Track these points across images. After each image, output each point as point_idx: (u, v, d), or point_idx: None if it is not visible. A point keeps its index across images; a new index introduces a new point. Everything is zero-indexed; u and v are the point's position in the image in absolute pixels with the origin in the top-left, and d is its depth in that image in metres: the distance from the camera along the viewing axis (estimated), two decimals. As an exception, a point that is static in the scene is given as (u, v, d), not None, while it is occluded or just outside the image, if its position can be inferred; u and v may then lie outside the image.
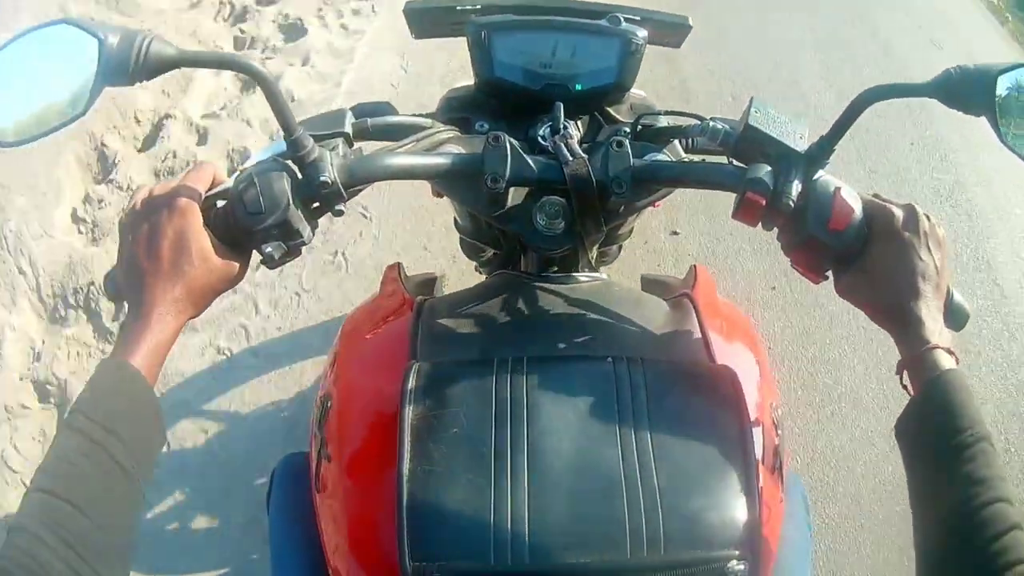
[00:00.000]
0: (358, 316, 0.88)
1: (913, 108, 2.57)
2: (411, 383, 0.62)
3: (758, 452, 0.64)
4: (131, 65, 0.52)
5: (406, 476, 0.57)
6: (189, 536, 1.57)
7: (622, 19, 0.78)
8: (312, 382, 1.77)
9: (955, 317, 0.64)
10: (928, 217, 0.63)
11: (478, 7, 0.79)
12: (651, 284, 1.16)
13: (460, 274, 1.94)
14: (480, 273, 1.23)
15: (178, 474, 1.63)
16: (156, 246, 0.57)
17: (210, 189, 0.62)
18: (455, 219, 1.03)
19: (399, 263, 0.95)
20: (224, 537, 1.55)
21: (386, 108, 0.81)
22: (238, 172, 0.61)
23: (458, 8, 0.79)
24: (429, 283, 1.13)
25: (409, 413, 0.59)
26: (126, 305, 0.58)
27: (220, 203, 0.61)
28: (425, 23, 0.83)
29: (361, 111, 0.77)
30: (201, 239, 0.58)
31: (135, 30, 0.53)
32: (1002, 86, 0.60)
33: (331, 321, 1.90)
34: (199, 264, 0.57)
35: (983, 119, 0.60)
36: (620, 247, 1.03)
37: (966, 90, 0.59)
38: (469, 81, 0.84)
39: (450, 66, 2.58)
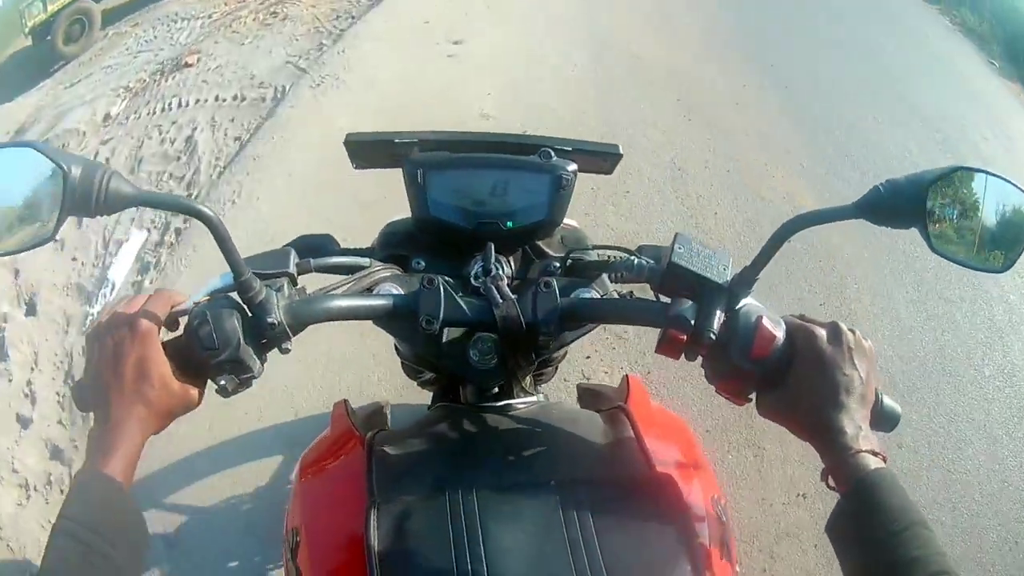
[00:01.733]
0: (313, 454, 0.91)
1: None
2: (372, 526, 0.64)
3: (707, 544, 0.68)
4: (93, 200, 0.54)
5: None
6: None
7: (552, 153, 0.80)
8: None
9: (885, 420, 0.65)
10: (853, 331, 0.64)
11: (415, 140, 0.81)
12: (587, 394, 1.16)
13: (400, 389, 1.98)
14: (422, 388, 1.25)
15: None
16: (120, 367, 0.61)
17: (171, 311, 0.66)
18: (395, 345, 1.02)
19: (345, 400, 0.97)
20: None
21: (327, 240, 0.83)
22: (193, 302, 0.65)
23: (396, 141, 0.81)
24: (377, 413, 1.15)
25: (375, 553, 0.63)
26: (93, 415, 0.62)
27: (177, 332, 0.65)
28: (364, 154, 0.85)
29: (304, 244, 0.80)
30: (161, 366, 0.62)
31: (96, 163, 0.56)
32: (932, 195, 0.59)
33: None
34: (159, 389, 0.61)
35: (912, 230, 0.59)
36: (556, 368, 1.06)
37: (895, 206, 0.59)
38: (403, 211, 0.86)
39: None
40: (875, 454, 0.59)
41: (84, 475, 0.58)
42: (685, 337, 0.63)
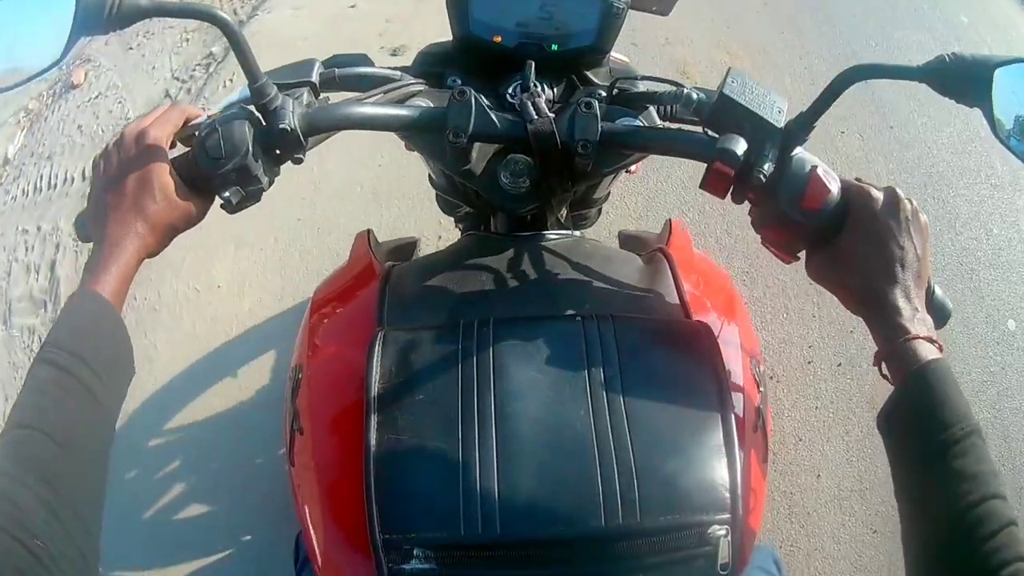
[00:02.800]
0: (327, 286, 0.86)
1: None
2: (376, 351, 0.60)
3: (739, 410, 0.61)
4: (105, 14, 0.52)
5: (373, 447, 0.55)
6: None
7: None
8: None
9: (936, 313, 0.61)
10: (911, 201, 0.59)
11: None
12: (629, 240, 1.14)
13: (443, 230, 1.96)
14: (459, 229, 1.22)
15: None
16: (122, 183, 0.59)
17: (183, 127, 0.63)
18: (429, 175, 1.01)
19: (369, 230, 0.93)
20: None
21: (362, 60, 0.79)
22: (208, 116, 0.62)
23: None
24: (406, 248, 1.13)
25: (375, 382, 0.58)
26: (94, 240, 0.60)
27: (188, 147, 0.63)
28: None
29: (335, 62, 0.76)
30: (164, 177, 0.59)
31: None
32: (999, 80, 0.56)
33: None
34: (160, 201, 0.59)
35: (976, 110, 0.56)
36: (599, 210, 1.02)
37: (961, 79, 0.56)
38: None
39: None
40: (932, 341, 0.55)
41: (75, 296, 0.56)
42: (733, 172, 0.59)
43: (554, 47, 0.77)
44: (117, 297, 0.57)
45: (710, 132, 0.65)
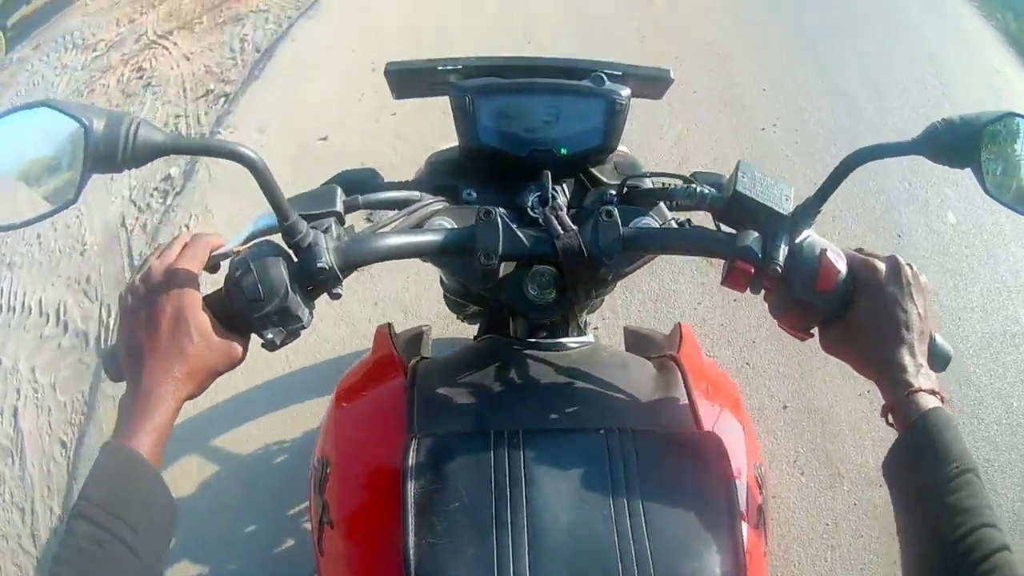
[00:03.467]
0: (351, 379, 0.87)
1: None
2: (411, 458, 0.62)
3: (744, 512, 0.66)
4: (119, 153, 0.50)
5: (412, 549, 0.57)
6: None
7: (605, 78, 0.77)
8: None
9: (937, 360, 0.65)
10: (911, 266, 0.64)
11: (459, 67, 0.78)
12: (634, 337, 1.17)
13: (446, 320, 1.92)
14: (463, 322, 1.23)
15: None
16: (155, 324, 0.56)
17: (210, 257, 0.62)
18: (441, 278, 1.01)
19: (390, 324, 0.94)
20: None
21: (370, 175, 0.80)
22: (233, 249, 0.61)
23: (439, 68, 0.78)
24: (417, 338, 1.15)
25: (412, 488, 0.60)
26: (126, 388, 0.57)
27: (216, 278, 0.61)
28: (405, 83, 0.81)
29: (347, 180, 0.76)
30: (200, 319, 0.57)
31: (121, 113, 0.51)
32: (986, 137, 0.59)
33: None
34: (199, 342, 0.57)
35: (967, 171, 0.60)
36: (603, 299, 1.08)
37: (952, 144, 0.60)
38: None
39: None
40: (934, 393, 0.59)
41: (108, 449, 0.53)
42: (753, 269, 0.63)
43: (563, 151, 0.78)
44: (155, 451, 0.54)
45: (723, 226, 0.69)
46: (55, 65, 3.97)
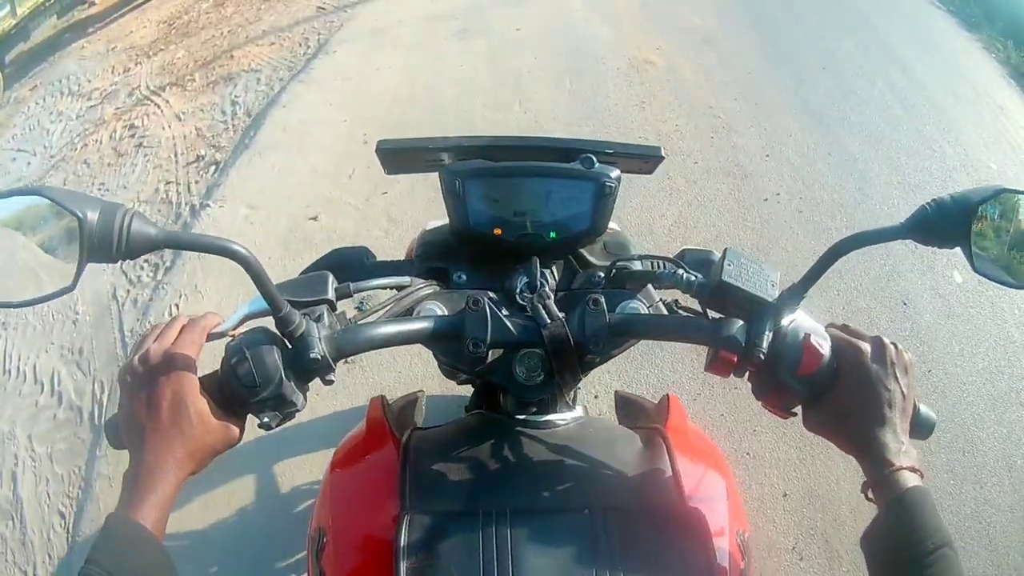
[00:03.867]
0: (346, 451, 0.90)
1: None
2: (404, 536, 0.65)
3: None
4: (114, 245, 0.52)
5: None
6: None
7: (595, 159, 0.78)
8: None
9: (922, 429, 0.68)
10: (895, 345, 0.66)
11: (450, 146, 0.79)
12: (624, 404, 1.20)
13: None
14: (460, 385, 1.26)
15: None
16: (156, 406, 0.59)
17: (208, 337, 0.65)
18: None
19: (383, 396, 0.97)
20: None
21: (362, 253, 0.83)
22: (228, 333, 0.65)
23: (430, 147, 0.79)
24: (411, 405, 1.17)
25: (404, 566, 0.63)
26: (130, 461, 0.60)
27: (214, 361, 0.64)
28: (396, 161, 0.82)
29: (339, 260, 0.80)
30: (199, 403, 0.60)
31: (115, 205, 0.53)
32: (977, 216, 0.60)
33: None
34: (197, 426, 0.60)
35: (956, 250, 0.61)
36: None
37: (942, 225, 0.61)
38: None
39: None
40: (914, 470, 0.61)
41: (114, 520, 0.56)
42: (736, 358, 0.64)
43: (552, 235, 0.80)
44: (159, 525, 0.57)
45: (709, 311, 0.71)
46: (51, 111, 4.09)
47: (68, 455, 2.22)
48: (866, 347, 0.65)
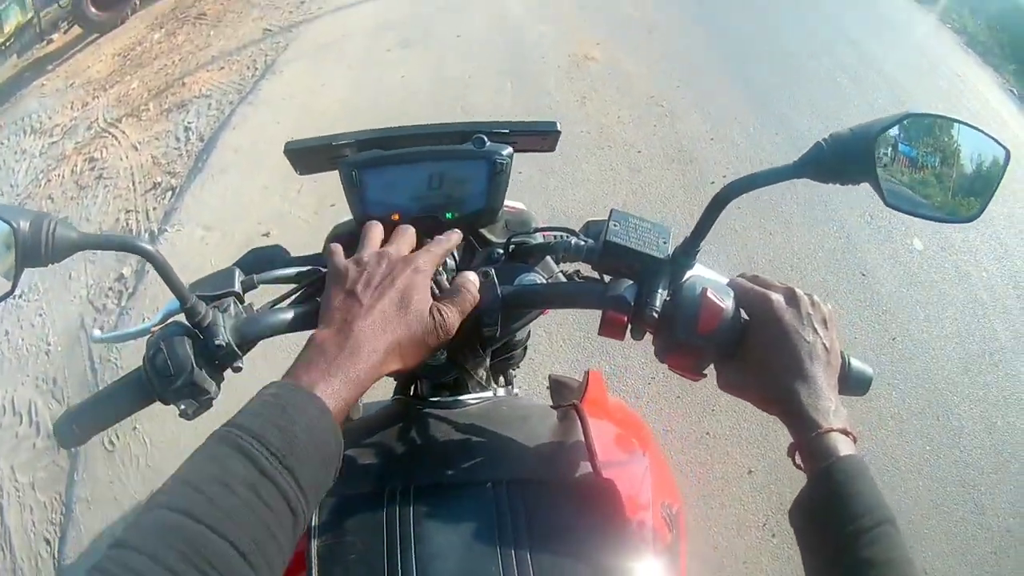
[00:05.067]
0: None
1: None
2: (315, 518, 0.67)
3: (651, 554, 0.66)
4: (42, 249, 0.55)
5: None
6: None
7: (486, 140, 0.79)
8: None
9: (856, 384, 0.63)
10: (810, 296, 0.61)
11: (351, 141, 0.81)
12: (556, 385, 1.21)
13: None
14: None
15: None
16: (383, 292, 0.59)
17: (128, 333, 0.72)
18: None
19: None
20: None
21: (277, 251, 0.84)
22: (149, 331, 0.67)
23: (334, 144, 0.81)
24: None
25: (315, 544, 0.65)
26: (320, 334, 0.57)
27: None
28: (305, 160, 0.84)
29: (253, 259, 0.82)
30: (427, 302, 0.61)
31: (43, 214, 0.56)
32: (881, 146, 0.56)
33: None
34: (425, 321, 0.59)
35: (863, 185, 0.57)
36: (524, 349, 1.05)
37: (841, 161, 0.57)
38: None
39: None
40: (846, 433, 0.55)
41: (279, 387, 0.51)
42: (626, 318, 0.63)
43: (448, 215, 0.82)
44: (339, 412, 0.51)
45: (606, 277, 0.69)
46: (15, 150, 4.17)
47: (49, 482, 2.31)
48: (777, 296, 0.61)
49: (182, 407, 0.62)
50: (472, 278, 0.66)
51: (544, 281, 0.74)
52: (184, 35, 4.88)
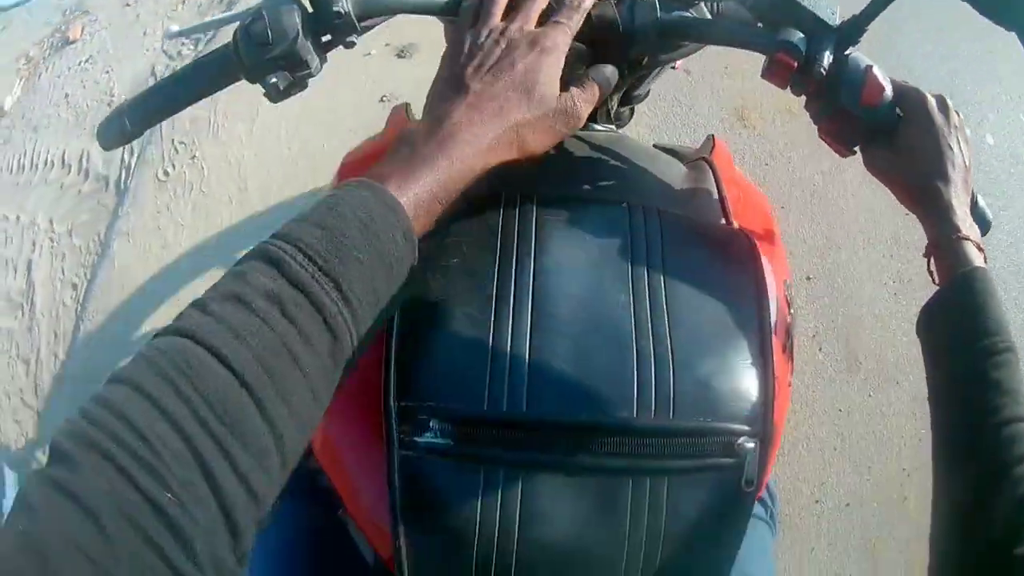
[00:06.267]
0: (360, 153, 0.82)
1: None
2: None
3: (774, 325, 0.62)
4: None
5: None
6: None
7: None
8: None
9: (979, 222, 0.62)
10: (959, 113, 0.61)
11: None
12: (664, 151, 1.16)
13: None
14: None
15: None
16: (506, 68, 0.49)
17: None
18: None
19: (408, 103, 0.89)
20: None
21: None
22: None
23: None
24: None
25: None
26: (411, 123, 0.55)
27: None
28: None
29: None
30: (556, 83, 0.51)
31: None
32: None
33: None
34: (538, 103, 0.49)
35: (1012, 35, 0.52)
36: (633, 110, 0.98)
37: None
38: None
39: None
40: (980, 249, 0.56)
41: (351, 190, 0.40)
42: (796, 64, 0.59)
43: None
44: (422, 220, 0.43)
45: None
46: None
47: (89, 225, 2.06)
48: (931, 99, 0.60)
49: (272, 80, 0.56)
50: (610, 72, 0.57)
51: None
52: None
